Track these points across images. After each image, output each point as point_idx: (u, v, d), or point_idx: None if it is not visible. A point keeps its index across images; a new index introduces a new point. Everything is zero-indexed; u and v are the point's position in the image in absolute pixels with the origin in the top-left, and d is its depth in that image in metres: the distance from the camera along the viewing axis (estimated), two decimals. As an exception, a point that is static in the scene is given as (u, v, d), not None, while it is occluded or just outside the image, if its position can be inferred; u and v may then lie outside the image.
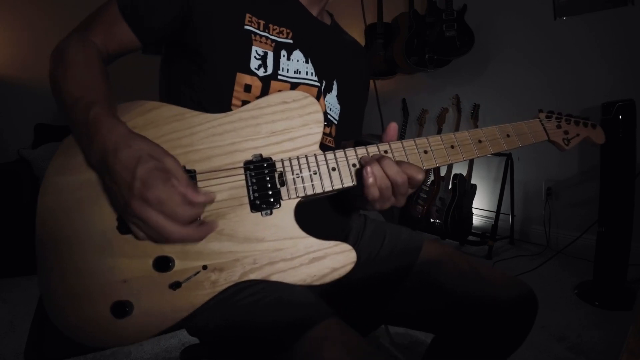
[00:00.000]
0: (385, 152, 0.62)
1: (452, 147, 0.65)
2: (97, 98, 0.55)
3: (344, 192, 0.63)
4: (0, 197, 2.19)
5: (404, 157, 0.63)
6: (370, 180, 0.56)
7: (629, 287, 1.75)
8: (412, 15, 2.77)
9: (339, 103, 0.80)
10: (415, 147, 0.63)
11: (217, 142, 0.59)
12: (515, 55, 2.57)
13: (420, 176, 0.58)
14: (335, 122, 0.79)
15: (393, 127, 0.63)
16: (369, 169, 0.56)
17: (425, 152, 0.64)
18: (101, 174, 0.54)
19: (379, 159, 0.58)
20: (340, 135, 0.81)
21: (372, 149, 0.62)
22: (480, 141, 0.68)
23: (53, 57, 0.62)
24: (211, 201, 0.55)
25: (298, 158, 0.60)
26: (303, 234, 0.58)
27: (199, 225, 0.53)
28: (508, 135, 0.70)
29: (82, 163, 0.57)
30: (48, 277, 0.56)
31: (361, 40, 3.16)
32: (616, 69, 2.16)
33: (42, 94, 2.81)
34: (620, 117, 1.67)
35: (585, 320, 1.61)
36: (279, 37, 0.69)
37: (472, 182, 2.61)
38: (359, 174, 0.59)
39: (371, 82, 0.98)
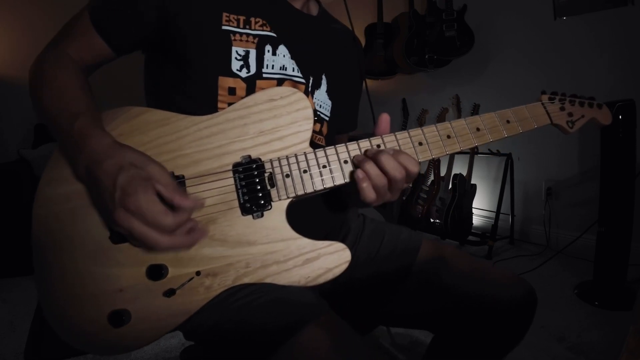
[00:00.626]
0: (378, 146, 0.60)
1: (449, 137, 0.63)
2: (80, 109, 0.55)
3: (337, 189, 0.62)
4: (0, 197, 2.19)
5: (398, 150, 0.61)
6: (365, 184, 0.55)
7: (629, 287, 1.75)
8: (412, 15, 2.77)
9: (330, 98, 0.77)
10: (409, 139, 0.61)
11: (204, 146, 0.58)
12: (515, 55, 2.57)
13: (415, 169, 0.56)
14: (327, 118, 0.77)
15: (385, 119, 0.61)
16: (359, 172, 0.55)
17: (420, 144, 0.62)
18: (88, 185, 0.54)
19: (374, 155, 0.56)
20: (333, 130, 0.79)
21: (364, 144, 0.60)
22: (478, 129, 0.65)
23: (32, 72, 0.62)
24: (200, 206, 0.54)
25: (287, 157, 0.59)
26: (295, 235, 0.57)
27: (189, 232, 0.52)
28: (508, 122, 0.67)
29: (73, 174, 0.57)
30: (46, 285, 0.56)
31: (361, 39, 3.15)
32: (616, 69, 2.16)
33: (42, 94, 2.82)
34: (620, 117, 1.66)
35: (585, 320, 1.61)
36: (262, 31, 0.66)
37: (472, 182, 2.61)
38: (352, 176, 0.58)
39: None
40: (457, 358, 0.74)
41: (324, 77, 0.76)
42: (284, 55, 0.68)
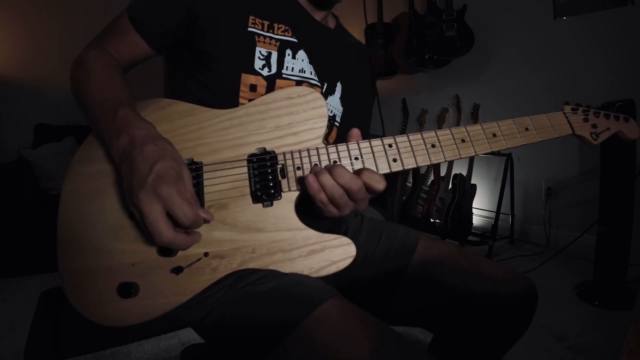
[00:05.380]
0: (390, 145, 0.62)
1: (463, 140, 0.63)
2: (123, 100, 0.59)
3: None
4: (0, 197, 2.19)
5: (410, 151, 0.62)
6: (315, 186, 0.55)
7: (628, 287, 1.75)
8: (412, 15, 2.77)
9: (342, 105, 0.80)
10: (422, 140, 0.62)
11: (223, 136, 0.62)
12: (515, 55, 2.58)
13: (380, 186, 0.56)
14: (337, 124, 0.79)
15: (356, 134, 0.62)
16: (310, 177, 0.55)
17: (433, 145, 0.62)
18: (119, 163, 0.56)
19: (330, 168, 0.56)
20: (342, 137, 0.80)
21: (376, 142, 0.62)
22: (494, 135, 0.64)
23: (74, 66, 0.66)
24: (209, 221, 0.55)
25: (300, 151, 0.61)
26: (302, 226, 0.59)
27: (188, 233, 0.54)
28: (527, 129, 0.66)
29: (103, 155, 0.61)
30: (65, 255, 0.59)
31: (361, 39, 3.16)
32: (616, 69, 2.16)
33: (42, 94, 2.81)
34: (620, 117, 1.67)
35: (585, 320, 1.61)
36: (284, 36, 0.71)
37: (472, 182, 2.61)
38: (302, 183, 0.58)
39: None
40: (459, 356, 0.74)
41: (339, 84, 0.79)
42: (302, 60, 0.72)
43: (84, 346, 1.46)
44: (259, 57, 0.68)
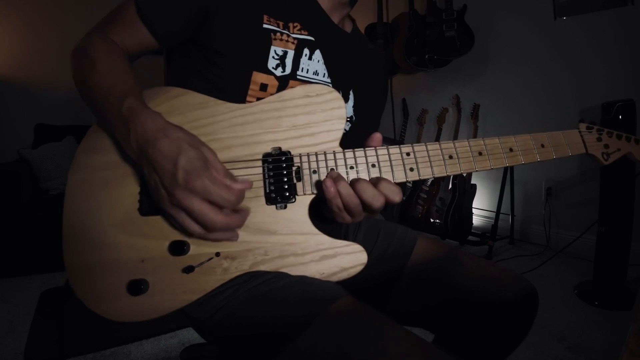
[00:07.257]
0: (408, 154, 0.60)
1: (480, 153, 0.62)
2: (129, 90, 0.56)
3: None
4: (0, 197, 2.19)
5: (428, 161, 0.61)
6: (332, 190, 0.55)
7: (628, 287, 1.75)
8: (412, 15, 2.77)
9: (354, 113, 0.78)
10: (440, 151, 0.61)
11: (237, 133, 0.60)
12: (515, 55, 2.58)
13: (397, 198, 0.56)
14: (345, 131, 0.78)
15: (377, 139, 0.61)
16: (328, 182, 0.55)
17: (451, 157, 0.61)
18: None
19: (354, 183, 0.56)
20: (350, 143, 0.80)
21: (394, 150, 0.61)
22: (511, 149, 0.64)
23: (76, 55, 0.63)
24: (249, 187, 0.54)
25: (317, 154, 0.59)
26: (315, 230, 0.59)
27: (236, 212, 0.54)
28: (543, 146, 0.65)
29: (109, 145, 0.60)
30: (70, 247, 0.58)
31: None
32: (616, 69, 2.16)
33: (42, 94, 2.81)
34: (620, 117, 1.67)
35: (585, 320, 1.61)
36: (300, 34, 0.68)
37: (472, 182, 2.61)
38: (319, 186, 0.57)
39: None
40: (460, 356, 0.74)
41: (351, 92, 0.78)
42: (318, 61, 0.70)
43: (84, 346, 1.46)
44: (273, 57, 0.65)
